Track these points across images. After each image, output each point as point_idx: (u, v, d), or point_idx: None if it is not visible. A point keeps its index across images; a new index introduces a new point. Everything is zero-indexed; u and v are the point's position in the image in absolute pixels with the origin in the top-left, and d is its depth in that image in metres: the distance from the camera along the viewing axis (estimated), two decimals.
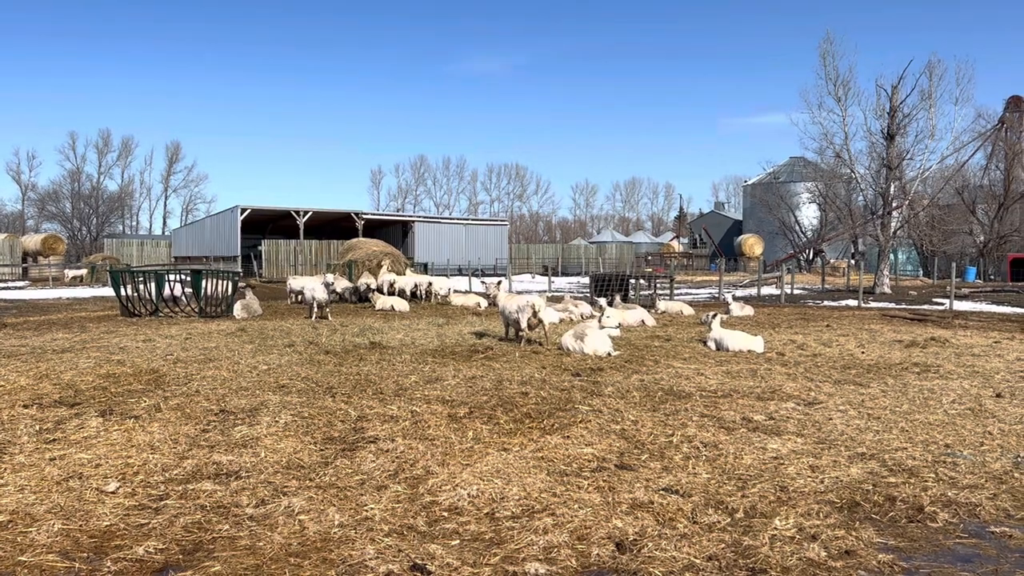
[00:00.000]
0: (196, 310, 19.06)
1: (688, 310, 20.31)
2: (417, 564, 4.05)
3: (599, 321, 13.70)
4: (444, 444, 6.35)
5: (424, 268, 36.36)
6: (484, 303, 21.96)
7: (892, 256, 39.69)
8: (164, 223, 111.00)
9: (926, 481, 5.48)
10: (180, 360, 11.04)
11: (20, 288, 37.77)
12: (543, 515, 4.74)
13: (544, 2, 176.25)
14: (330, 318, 18.06)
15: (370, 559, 4.12)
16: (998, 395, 8.67)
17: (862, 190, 36.88)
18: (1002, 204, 49.47)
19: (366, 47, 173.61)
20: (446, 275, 35.57)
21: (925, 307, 24.52)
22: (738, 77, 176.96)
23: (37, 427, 6.88)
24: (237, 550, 4.27)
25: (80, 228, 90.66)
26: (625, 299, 21.68)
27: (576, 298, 22.94)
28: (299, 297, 22.65)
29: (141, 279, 19.47)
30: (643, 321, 16.87)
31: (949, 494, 5.20)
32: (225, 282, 19.53)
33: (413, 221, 59.01)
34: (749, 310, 20.29)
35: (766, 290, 32.67)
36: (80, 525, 4.59)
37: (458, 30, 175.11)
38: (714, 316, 13.33)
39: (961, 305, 24.63)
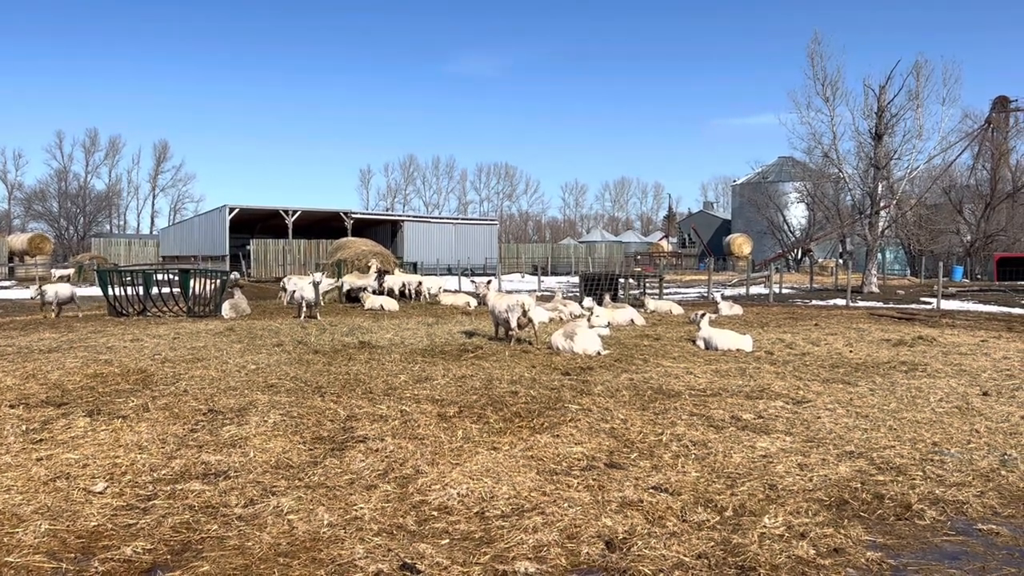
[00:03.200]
0: (184, 310, 18.97)
1: (677, 309, 20.35)
2: (407, 563, 4.04)
3: (588, 320, 13.72)
4: (434, 443, 6.34)
5: (414, 267, 36.33)
6: (474, 302, 21.94)
7: (880, 255, 39.91)
8: (152, 222, 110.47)
9: (914, 479, 5.50)
10: (168, 360, 10.98)
11: (6, 288, 37.48)
12: (533, 514, 4.73)
13: (534, 3, 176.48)
14: (319, 317, 18.00)
15: (359, 559, 4.10)
16: (985, 393, 8.73)
17: (850, 190, 37.13)
18: (989, 203, 49.89)
19: (355, 47, 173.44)
20: (436, 274, 35.53)
21: (913, 306, 24.67)
22: (727, 78, 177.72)
23: (24, 427, 6.83)
24: (226, 550, 4.25)
25: (67, 228, 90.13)
26: (615, 298, 21.69)
27: (565, 297, 22.94)
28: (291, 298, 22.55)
29: (129, 279, 19.37)
30: (632, 320, 16.89)
31: (937, 492, 5.23)
32: (213, 281, 19.45)
33: (403, 220, 58.92)
34: (738, 309, 20.35)
35: (755, 289, 32.78)
36: (67, 525, 4.56)
37: (448, 30, 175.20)
38: (703, 315, 13.36)
39: (948, 304, 24.78)
